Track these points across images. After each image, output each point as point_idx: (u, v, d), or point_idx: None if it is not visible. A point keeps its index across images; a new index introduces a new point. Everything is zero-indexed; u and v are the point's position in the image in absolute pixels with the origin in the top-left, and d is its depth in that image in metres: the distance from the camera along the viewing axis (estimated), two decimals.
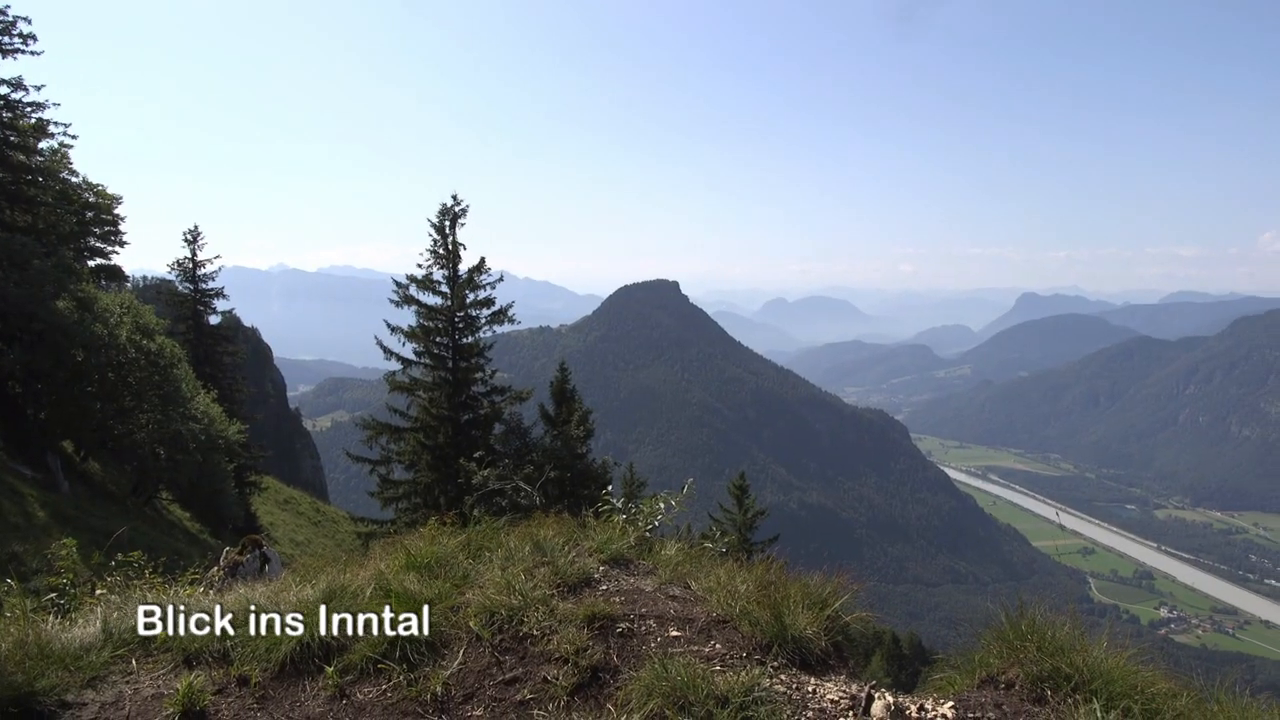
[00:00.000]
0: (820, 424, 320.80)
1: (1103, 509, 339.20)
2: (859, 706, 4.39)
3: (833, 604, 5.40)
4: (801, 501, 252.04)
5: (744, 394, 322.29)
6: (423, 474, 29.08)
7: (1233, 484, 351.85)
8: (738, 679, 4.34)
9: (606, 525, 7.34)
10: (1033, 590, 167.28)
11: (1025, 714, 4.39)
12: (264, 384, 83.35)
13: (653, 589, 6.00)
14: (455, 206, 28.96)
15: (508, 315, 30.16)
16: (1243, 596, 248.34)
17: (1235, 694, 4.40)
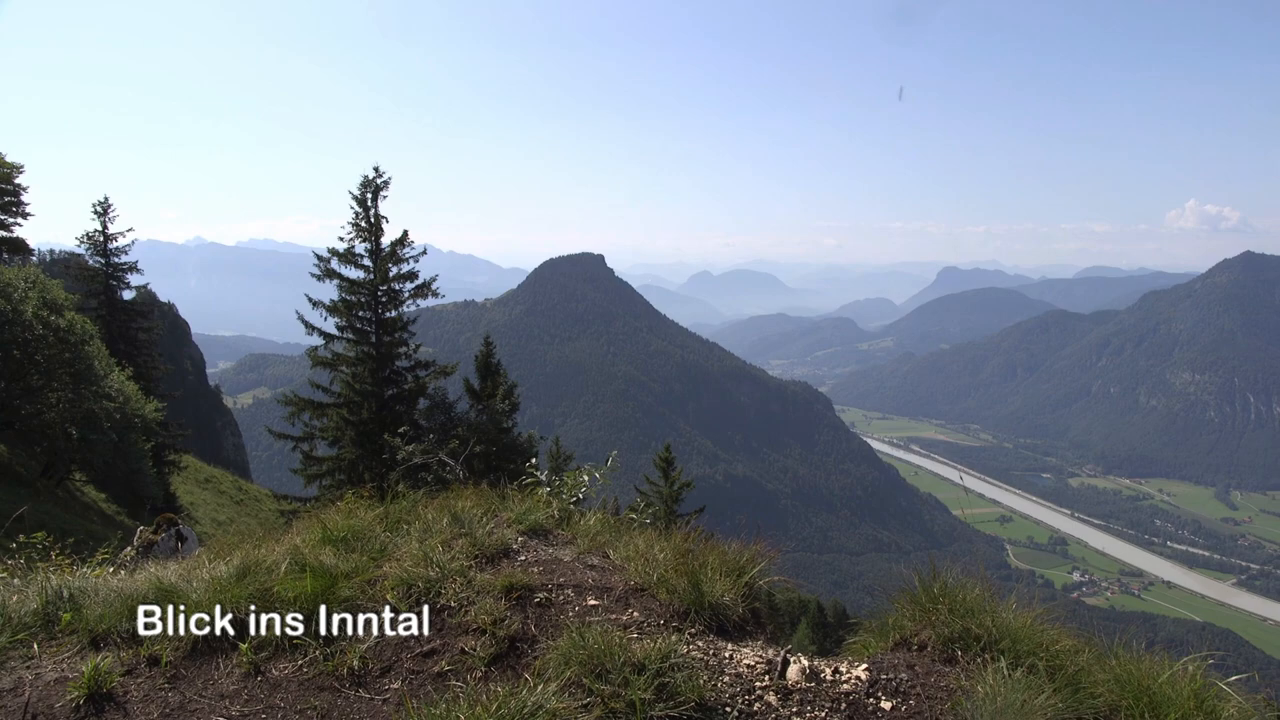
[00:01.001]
0: (745, 397, 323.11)
1: (1020, 478, 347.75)
2: (775, 670, 4.46)
3: (750, 571, 5.47)
4: (727, 473, 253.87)
5: (670, 367, 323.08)
6: (347, 450, 28.72)
7: (1141, 452, 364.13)
8: (655, 646, 4.36)
9: (526, 496, 7.32)
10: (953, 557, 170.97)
11: (936, 674, 4.49)
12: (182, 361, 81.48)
13: (571, 559, 6.02)
14: (377, 179, 28.48)
15: (431, 289, 29.80)
16: (1148, 559, 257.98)
17: (1131, 649, 4.56)
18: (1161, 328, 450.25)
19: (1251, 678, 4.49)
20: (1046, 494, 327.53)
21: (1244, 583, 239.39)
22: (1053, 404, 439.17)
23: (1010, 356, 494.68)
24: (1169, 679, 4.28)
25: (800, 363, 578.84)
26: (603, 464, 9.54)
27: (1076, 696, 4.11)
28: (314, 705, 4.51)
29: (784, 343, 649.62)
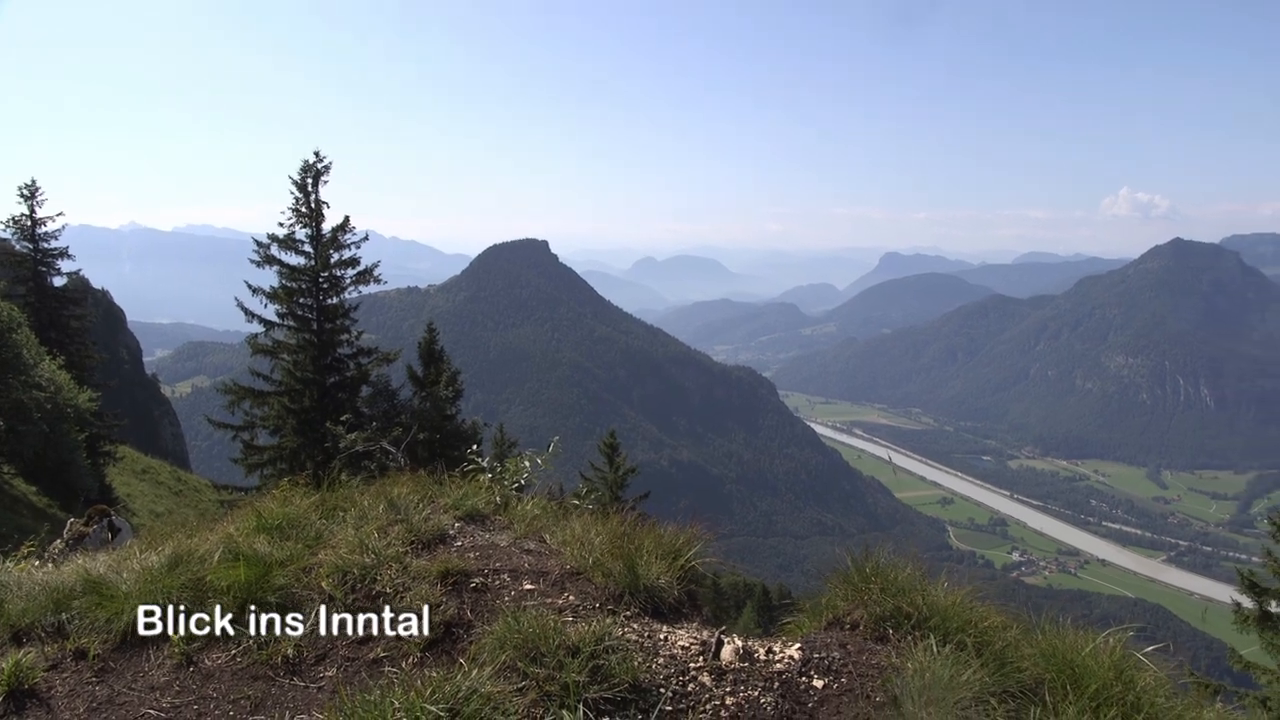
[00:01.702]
0: (690, 382, 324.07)
1: (961, 460, 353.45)
2: (709, 651, 4.49)
3: (686, 554, 5.49)
4: (672, 459, 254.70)
5: (614, 353, 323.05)
6: (288, 439, 28.37)
7: (1077, 434, 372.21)
8: (589, 629, 4.37)
9: (463, 482, 7.29)
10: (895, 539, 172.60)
11: (868, 651, 4.55)
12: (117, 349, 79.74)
13: (508, 543, 6.00)
14: (318, 163, 28.05)
15: (373, 275, 29.46)
16: (1084, 539, 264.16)
17: (1056, 624, 4.67)
18: (1097, 312, 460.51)
19: (1167, 647, 4.65)
20: (986, 476, 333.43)
21: (1173, 559, 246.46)
22: (992, 387, 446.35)
23: (951, 341, 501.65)
24: (1091, 652, 4.41)
25: (744, 348, 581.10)
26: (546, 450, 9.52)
27: (1003, 671, 4.20)
28: (247, 695, 4.47)
29: (728, 328, 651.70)
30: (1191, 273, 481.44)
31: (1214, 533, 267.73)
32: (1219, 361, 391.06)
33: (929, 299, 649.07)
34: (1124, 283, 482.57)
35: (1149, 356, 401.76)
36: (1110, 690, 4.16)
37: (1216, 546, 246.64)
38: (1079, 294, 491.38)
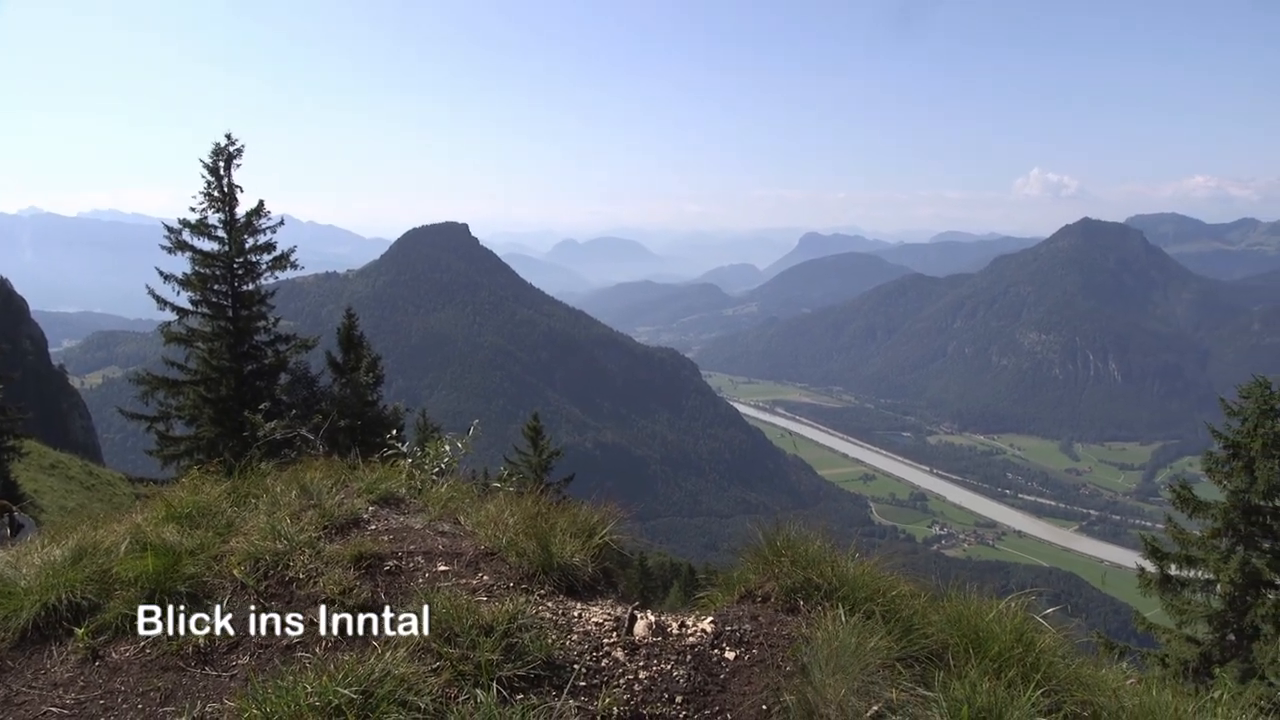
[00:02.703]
0: (613, 364, 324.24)
1: (882, 437, 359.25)
2: (623, 627, 4.55)
3: (600, 532, 5.54)
4: (596, 440, 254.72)
5: (537, 336, 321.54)
6: (205, 429, 27.74)
7: (993, 409, 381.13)
8: (503, 608, 4.41)
9: (379, 466, 7.24)
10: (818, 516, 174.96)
11: (779, 623, 4.65)
12: (19, 340, 77.48)
13: (422, 526, 5.98)
14: (230, 146, 27.31)
15: (290, 261, 28.86)
16: (1001, 511, 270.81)
17: (963, 592, 4.83)
18: (1011, 290, 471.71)
19: (1065, 609, 4.83)
20: (907, 452, 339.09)
21: (1084, 528, 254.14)
22: (911, 365, 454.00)
23: (871, 320, 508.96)
24: (995, 617, 4.57)
25: (667, 329, 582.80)
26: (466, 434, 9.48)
27: (909, 637, 4.32)
28: (157, 687, 4.37)
29: (650, 309, 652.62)
30: (1099, 251, 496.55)
31: (1122, 502, 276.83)
32: (1125, 337, 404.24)
33: (849, 278, 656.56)
34: (1036, 261, 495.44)
35: (1061, 333, 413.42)
36: (1011, 652, 4.31)
37: (1124, 515, 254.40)
38: (994, 272, 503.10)
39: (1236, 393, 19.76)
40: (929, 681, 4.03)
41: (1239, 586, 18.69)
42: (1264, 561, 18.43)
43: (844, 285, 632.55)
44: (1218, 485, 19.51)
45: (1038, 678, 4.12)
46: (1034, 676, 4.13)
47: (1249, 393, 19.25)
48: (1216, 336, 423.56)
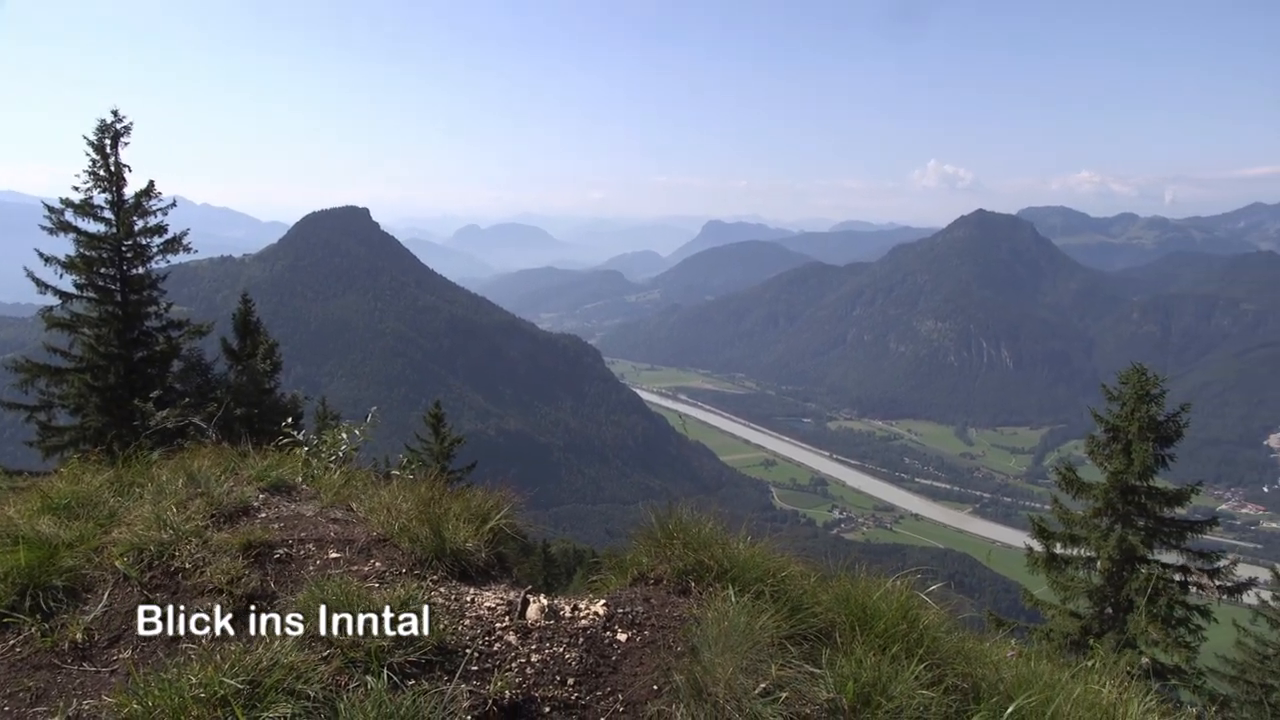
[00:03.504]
0: (515, 350, 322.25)
1: (783, 423, 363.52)
2: (515, 611, 4.56)
3: (494, 517, 5.53)
4: (499, 428, 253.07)
5: (439, 322, 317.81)
6: (92, 418, 26.79)
7: (891, 395, 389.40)
8: (394, 593, 4.39)
9: (273, 453, 7.12)
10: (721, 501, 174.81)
11: (671, 604, 4.71)
12: None
13: (314, 513, 5.90)
14: (117, 123, 26.29)
15: (182, 244, 27.96)
16: (899, 494, 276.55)
17: (851, 571, 4.96)
18: (909, 279, 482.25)
19: (948, 585, 5.00)
20: (807, 437, 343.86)
21: (978, 510, 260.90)
22: (812, 352, 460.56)
23: (772, 307, 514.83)
24: (882, 595, 4.70)
25: (569, 315, 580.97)
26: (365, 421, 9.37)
27: (799, 616, 4.42)
28: (28, 686, 4.19)
29: (553, 296, 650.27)
30: (993, 242, 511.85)
31: (1013, 484, 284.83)
32: (1016, 325, 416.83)
33: (751, 266, 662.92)
34: (933, 251, 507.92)
35: (956, 321, 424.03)
36: (896, 628, 4.45)
37: (1015, 497, 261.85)
38: (892, 261, 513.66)
39: (1117, 379, 20.56)
40: (817, 659, 4.13)
41: (1116, 562, 19.52)
42: (1138, 538, 19.28)
43: (746, 273, 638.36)
44: (1099, 467, 20.32)
45: (921, 652, 4.27)
46: (918, 651, 4.28)
47: (1127, 379, 20.07)
48: (1100, 325, 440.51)
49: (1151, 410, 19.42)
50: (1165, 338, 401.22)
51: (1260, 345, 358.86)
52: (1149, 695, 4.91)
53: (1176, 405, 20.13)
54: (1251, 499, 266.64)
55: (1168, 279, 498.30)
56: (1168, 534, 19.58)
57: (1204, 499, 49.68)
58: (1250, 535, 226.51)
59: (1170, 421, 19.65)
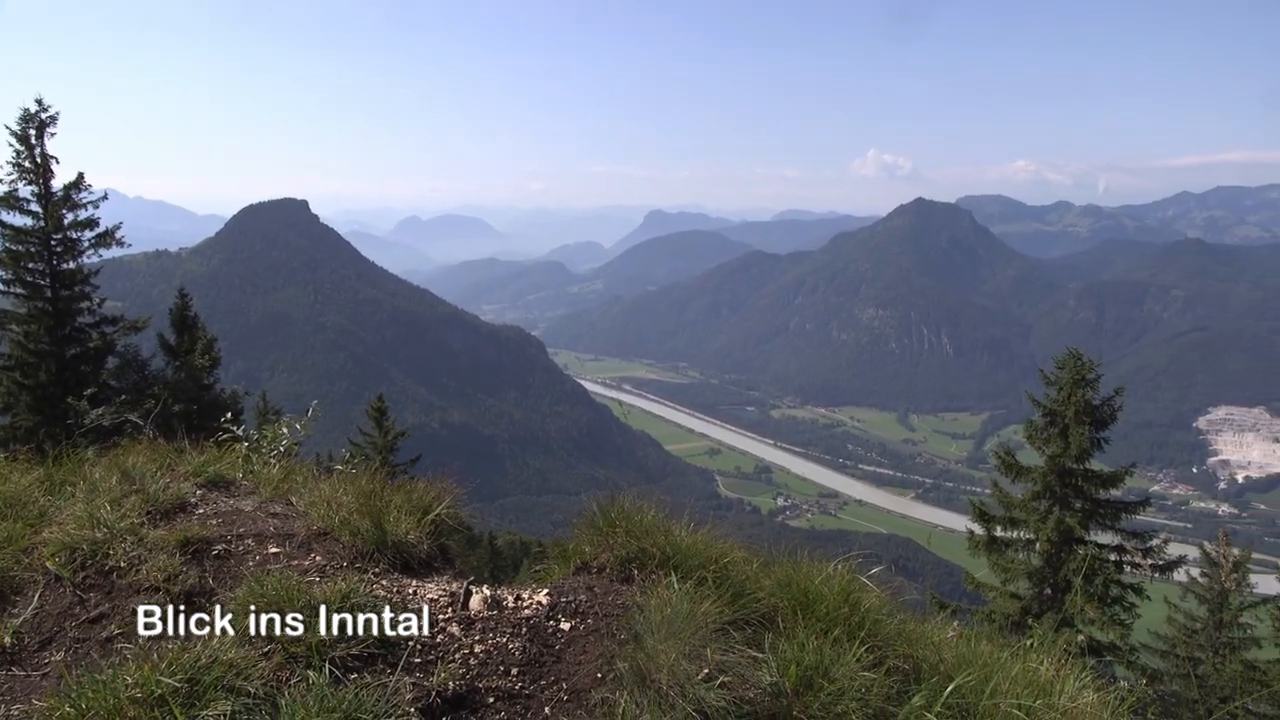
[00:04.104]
0: (458, 342, 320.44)
1: (726, 411, 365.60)
2: (458, 601, 4.55)
3: (436, 509, 5.50)
4: (443, 420, 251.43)
5: (381, 315, 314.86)
6: (22, 417, 26.18)
7: (834, 383, 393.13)
8: (335, 587, 4.34)
9: (208, 448, 7.01)
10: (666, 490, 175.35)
11: (614, 593, 4.72)
12: None
13: (253, 508, 5.82)
14: (41, 113, 25.64)
15: (116, 238, 27.38)
16: (842, 481, 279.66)
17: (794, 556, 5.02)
18: (850, 267, 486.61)
19: (889, 570, 5.08)
20: (751, 426, 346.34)
21: (920, 495, 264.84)
22: (755, 340, 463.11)
23: (715, 297, 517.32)
24: (824, 579, 4.76)
25: (512, 307, 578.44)
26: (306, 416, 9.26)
27: (741, 601, 4.45)
28: None
29: (495, 287, 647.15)
30: (932, 230, 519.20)
31: (954, 469, 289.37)
32: (956, 312, 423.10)
33: (693, 256, 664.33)
34: (874, 239, 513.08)
35: (897, 308, 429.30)
36: (838, 612, 4.51)
37: (957, 482, 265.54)
38: (833, 250, 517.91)
39: (1054, 364, 20.97)
40: (760, 643, 4.17)
41: (1055, 544, 19.94)
42: (1075, 520, 19.69)
43: (688, 262, 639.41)
44: (1038, 451, 20.72)
45: (862, 634, 4.33)
46: (859, 634, 4.34)
47: (1064, 364, 20.49)
48: (1037, 311, 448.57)
49: (1087, 395, 19.85)
50: (1100, 323, 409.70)
51: (1189, 330, 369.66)
52: (1084, 672, 5.01)
53: (1111, 390, 20.59)
54: (1182, 480, 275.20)
55: (1102, 266, 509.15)
56: (1103, 515, 20.02)
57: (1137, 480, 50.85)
58: (1181, 515, 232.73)
59: (1105, 406, 20.11)
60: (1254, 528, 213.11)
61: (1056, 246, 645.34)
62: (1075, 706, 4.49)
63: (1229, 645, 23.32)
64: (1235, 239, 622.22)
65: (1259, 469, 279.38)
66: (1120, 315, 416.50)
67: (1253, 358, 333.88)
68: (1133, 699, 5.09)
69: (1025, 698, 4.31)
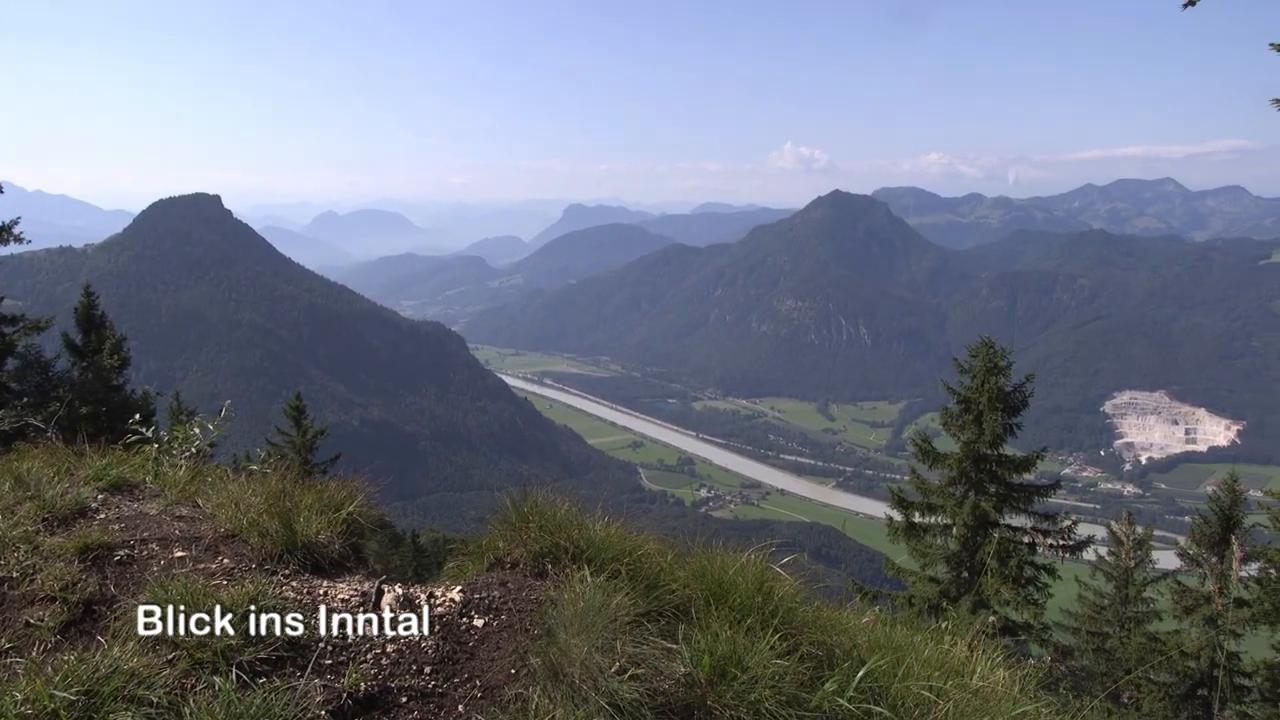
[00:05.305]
0: (378, 339, 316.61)
1: (648, 404, 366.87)
2: (369, 601, 4.49)
3: (348, 507, 5.43)
4: (363, 418, 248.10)
5: (298, 312, 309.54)
6: None
7: (754, 374, 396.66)
8: (243, 590, 4.25)
9: (110, 451, 6.81)
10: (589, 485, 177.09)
11: (528, 588, 4.71)
12: None
13: (158, 512, 5.66)
14: None
15: (13, 233, 26.60)
16: (764, 471, 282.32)
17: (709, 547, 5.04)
18: (769, 259, 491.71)
19: (807, 556, 5.14)
20: (673, 418, 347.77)
21: (841, 484, 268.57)
22: (676, 333, 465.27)
23: (635, 290, 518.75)
24: (738, 569, 4.79)
25: (432, 302, 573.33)
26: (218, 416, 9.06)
27: (655, 593, 4.47)
28: None
29: (415, 282, 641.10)
30: (849, 221, 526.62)
31: (874, 457, 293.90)
32: (873, 303, 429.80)
33: (613, 249, 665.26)
34: (792, 231, 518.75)
35: (815, 300, 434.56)
36: (751, 601, 4.54)
37: (877, 469, 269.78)
38: (752, 242, 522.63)
39: (967, 353, 21.43)
40: (673, 634, 4.18)
41: (971, 528, 20.40)
42: (990, 504, 20.18)
43: (608, 256, 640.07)
44: (953, 438, 21.17)
45: (776, 622, 4.37)
46: (773, 622, 4.37)
47: (977, 352, 20.96)
48: (952, 301, 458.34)
49: (1000, 382, 20.33)
50: (1012, 312, 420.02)
51: (1095, 318, 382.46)
52: (996, 651, 5.12)
53: (1023, 376, 21.10)
54: (1090, 462, 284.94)
55: (1013, 256, 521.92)
56: (1017, 499, 20.52)
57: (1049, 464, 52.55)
58: (1090, 496, 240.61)
59: (1017, 392, 20.61)
60: (1156, 507, 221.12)
61: (969, 237, 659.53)
62: (986, 685, 4.59)
63: (1134, 619, 24.38)
64: (1135, 230, 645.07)
65: (1160, 450, 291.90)
66: (1031, 304, 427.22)
67: (1152, 343, 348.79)
68: (1040, 675, 5.22)
69: (937, 679, 4.38)
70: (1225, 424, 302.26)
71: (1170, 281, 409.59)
